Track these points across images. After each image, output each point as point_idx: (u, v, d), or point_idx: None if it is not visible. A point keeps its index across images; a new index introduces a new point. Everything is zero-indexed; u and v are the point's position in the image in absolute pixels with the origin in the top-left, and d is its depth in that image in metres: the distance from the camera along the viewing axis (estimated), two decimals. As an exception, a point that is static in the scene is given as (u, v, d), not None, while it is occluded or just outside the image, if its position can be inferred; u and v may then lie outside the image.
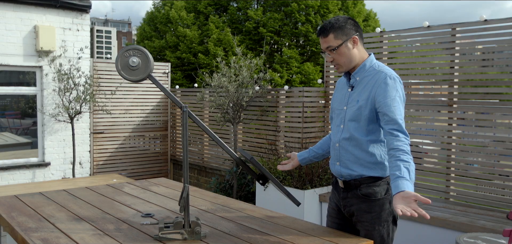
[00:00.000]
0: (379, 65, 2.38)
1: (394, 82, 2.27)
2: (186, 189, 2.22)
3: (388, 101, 2.24)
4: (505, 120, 4.71)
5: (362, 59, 2.39)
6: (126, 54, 2.27)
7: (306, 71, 13.82)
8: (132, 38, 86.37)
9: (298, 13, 13.73)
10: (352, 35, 2.34)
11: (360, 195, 2.37)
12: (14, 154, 7.21)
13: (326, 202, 5.47)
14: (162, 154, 8.80)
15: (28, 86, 7.17)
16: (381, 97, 2.25)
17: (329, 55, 2.38)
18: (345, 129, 2.39)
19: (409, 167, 2.11)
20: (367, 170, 2.34)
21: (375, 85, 2.29)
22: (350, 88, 2.42)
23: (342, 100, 2.46)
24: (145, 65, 2.28)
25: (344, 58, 2.35)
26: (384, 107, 2.24)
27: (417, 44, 5.56)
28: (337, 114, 2.48)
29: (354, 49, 2.36)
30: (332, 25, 2.34)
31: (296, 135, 6.25)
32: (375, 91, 2.28)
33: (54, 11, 7.15)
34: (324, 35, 2.36)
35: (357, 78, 2.39)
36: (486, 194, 4.74)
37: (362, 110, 2.32)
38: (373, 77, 2.33)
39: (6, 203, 2.94)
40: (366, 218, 2.36)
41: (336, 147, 2.45)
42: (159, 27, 15.54)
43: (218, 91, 6.53)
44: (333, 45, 2.34)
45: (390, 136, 2.20)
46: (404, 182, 2.07)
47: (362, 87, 2.35)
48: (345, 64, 2.37)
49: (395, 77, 2.30)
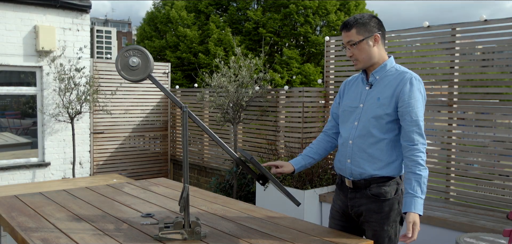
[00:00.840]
0: (401, 67, 2.40)
1: (419, 84, 2.31)
2: (186, 189, 2.22)
3: (413, 102, 2.27)
4: (505, 120, 4.71)
5: (382, 59, 2.40)
6: (126, 54, 2.26)
7: (306, 72, 13.81)
8: (132, 38, 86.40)
9: (296, 14, 13.73)
10: (374, 33, 2.36)
11: (369, 195, 2.36)
12: (14, 154, 7.21)
13: (326, 202, 5.47)
14: (162, 154, 8.80)
15: (28, 86, 7.17)
16: (405, 96, 2.28)
17: (349, 50, 2.39)
18: (361, 126, 2.38)
19: (420, 180, 2.24)
20: (379, 169, 2.34)
21: (400, 84, 2.31)
22: (368, 87, 2.42)
23: (357, 98, 2.45)
24: (145, 65, 2.28)
25: (364, 54, 2.36)
26: (408, 107, 2.27)
27: (417, 44, 5.56)
28: (350, 112, 2.46)
29: (374, 47, 2.37)
30: (356, 21, 2.36)
31: (296, 135, 6.25)
32: (400, 90, 2.30)
33: (54, 11, 7.15)
34: (347, 29, 2.37)
35: (377, 77, 2.40)
36: (486, 194, 4.74)
37: (384, 108, 2.32)
38: (396, 77, 2.34)
39: (6, 203, 2.94)
40: (375, 218, 2.35)
41: (349, 144, 2.42)
42: (160, 27, 15.53)
43: (218, 91, 6.53)
44: (354, 40, 2.35)
45: (408, 141, 2.28)
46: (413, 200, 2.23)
47: (384, 86, 2.36)
48: (364, 61, 2.38)
49: (419, 79, 2.34)
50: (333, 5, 14.19)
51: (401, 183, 2.38)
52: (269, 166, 2.57)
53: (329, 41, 6.20)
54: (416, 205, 2.21)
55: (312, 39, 13.93)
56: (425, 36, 5.31)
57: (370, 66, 2.41)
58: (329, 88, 6.22)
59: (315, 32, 14.38)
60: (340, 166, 2.48)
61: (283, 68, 13.73)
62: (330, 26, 14.17)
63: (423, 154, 2.26)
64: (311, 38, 13.91)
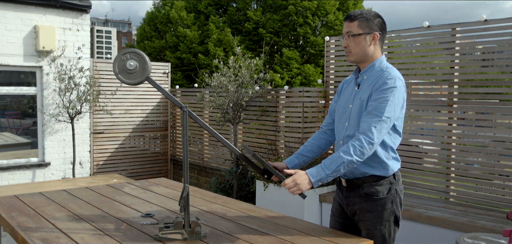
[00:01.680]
0: (388, 66, 2.38)
1: (394, 82, 2.27)
2: (186, 189, 2.22)
3: (381, 98, 2.26)
4: (505, 120, 4.70)
5: (374, 58, 2.40)
6: (123, 57, 2.25)
7: (306, 73, 13.80)
8: (132, 38, 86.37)
9: (295, 16, 13.73)
10: (374, 32, 2.37)
11: (362, 194, 2.37)
12: (14, 154, 7.21)
13: (326, 202, 5.47)
14: (162, 154, 8.80)
15: (28, 86, 7.17)
16: (375, 94, 2.28)
17: (345, 40, 2.40)
18: (350, 126, 2.40)
19: (340, 162, 2.20)
20: (370, 168, 2.35)
21: (375, 86, 2.31)
22: (356, 87, 2.44)
23: (348, 98, 2.47)
24: (142, 68, 2.27)
25: (358, 48, 2.37)
26: (374, 101, 2.26)
27: (417, 44, 5.55)
28: (342, 112, 2.48)
29: (370, 46, 2.37)
30: (361, 14, 2.38)
31: (296, 135, 6.25)
32: (374, 87, 2.31)
33: (54, 11, 7.15)
34: (350, 20, 2.39)
35: (365, 77, 2.41)
36: (486, 194, 4.74)
37: (363, 108, 2.34)
38: (377, 77, 2.34)
39: (6, 203, 2.94)
40: (368, 217, 2.36)
41: (340, 144, 2.45)
42: (159, 27, 15.52)
43: (218, 91, 6.53)
44: (353, 32, 2.36)
45: (359, 129, 2.27)
46: (319, 169, 2.23)
47: (366, 86, 2.37)
48: (357, 55, 2.39)
49: (397, 78, 2.30)
50: (332, 6, 14.18)
51: (395, 183, 2.38)
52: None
53: (329, 41, 6.21)
54: (317, 174, 2.21)
55: (311, 40, 13.93)
56: (425, 36, 5.30)
57: (362, 64, 2.43)
58: (329, 88, 6.22)
59: (315, 33, 14.37)
60: None
61: (283, 68, 13.72)
62: (328, 26, 14.17)
63: (364, 148, 2.20)
64: (311, 39, 13.91)
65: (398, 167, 2.42)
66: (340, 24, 14.08)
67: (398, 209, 2.40)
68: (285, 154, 6.14)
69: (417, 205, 4.87)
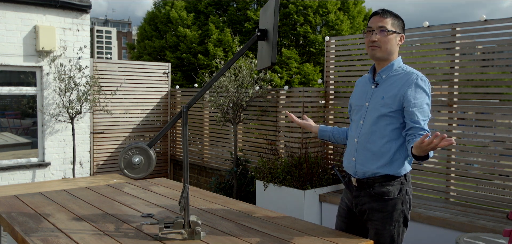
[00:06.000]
0: (407, 67, 2.43)
1: (424, 84, 2.33)
2: (186, 189, 2.23)
3: (418, 102, 2.30)
4: (505, 120, 4.71)
5: (393, 59, 2.43)
6: (129, 153, 2.31)
7: (305, 72, 13.80)
8: (132, 38, 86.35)
9: (296, 14, 13.72)
10: (401, 34, 2.42)
11: (373, 193, 2.37)
12: (14, 154, 7.21)
13: (326, 202, 5.47)
14: (162, 154, 8.80)
15: (28, 86, 7.17)
16: (411, 97, 2.30)
17: (375, 34, 2.39)
18: (366, 124, 2.41)
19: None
20: (382, 167, 2.35)
21: (406, 85, 2.32)
22: (373, 85, 2.44)
23: (363, 97, 2.48)
24: (148, 163, 2.32)
25: (388, 45, 2.39)
26: (414, 107, 2.29)
27: (417, 44, 5.55)
28: (357, 111, 2.50)
29: (397, 46, 2.42)
30: (391, 13, 2.42)
31: (296, 135, 6.25)
32: (405, 91, 2.31)
33: (54, 11, 7.15)
34: (382, 15, 2.40)
35: (383, 76, 2.42)
36: (486, 194, 4.74)
37: (387, 107, 2.34)
38: (402, 77, 2.36)
39: (6, 203, 2.94)
40: (377, 217, 2.36)
41: (354, 142, 2.45)
42: (160, 27, 15.52)
43: (218, 91, 6.53)
44: (387, 28, 2.37)
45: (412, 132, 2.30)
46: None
47: (389, 85, 2.38)
48: (385, 51, 2.40)
49: (425, 79, 2.36)
50: (333, 5, 14.18)
51: (406, 183, 2.38)
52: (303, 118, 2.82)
53: (329, 41, 6.21)
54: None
55: (311, 38, 13.91)
56: (425, 36, 5.30)
57: (380, 63, 2.43)
58: (329, 88, 6.22)
59: (315, 31, 14.36)
60: (347, 164, 2.51)
61: (282, 68, 13.72)
62: (329, 26, 14.16)
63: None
64: (310, 37, 13.90)
65: (410, 168, 2.43)
66: (341, 24, 14.07)
67: (408, 210, 2.40)
68: (285, 154, 6.14)
69: (417, 205, 4.87)
